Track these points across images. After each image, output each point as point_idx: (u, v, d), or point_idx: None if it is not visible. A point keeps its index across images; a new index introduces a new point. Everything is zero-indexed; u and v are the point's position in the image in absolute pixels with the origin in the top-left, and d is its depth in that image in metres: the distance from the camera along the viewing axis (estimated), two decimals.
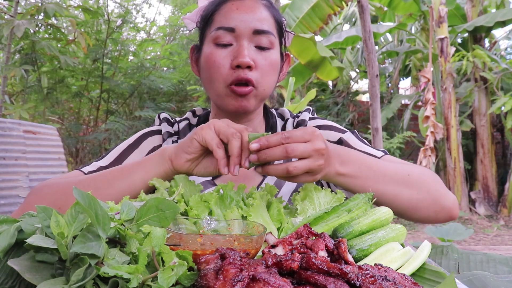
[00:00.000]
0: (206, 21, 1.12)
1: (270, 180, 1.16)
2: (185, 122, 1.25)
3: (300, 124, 1.24)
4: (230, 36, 1.06)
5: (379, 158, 1.13)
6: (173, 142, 1.19)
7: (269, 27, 1.08)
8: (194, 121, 1.28)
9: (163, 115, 1.26)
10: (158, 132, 1.21)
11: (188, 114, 1.29)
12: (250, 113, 1.15)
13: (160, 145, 1.19)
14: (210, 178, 1.15)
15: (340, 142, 1.19)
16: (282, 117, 1.30)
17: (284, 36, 1.18)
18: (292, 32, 1.23)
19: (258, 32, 1.06)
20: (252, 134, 0.83)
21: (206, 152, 0.90)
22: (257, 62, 1.06)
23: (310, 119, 1.26)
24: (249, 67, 1.04)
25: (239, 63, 1.03)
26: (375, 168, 0.97)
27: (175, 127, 1.24)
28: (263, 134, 0.83)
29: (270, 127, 1.25)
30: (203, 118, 1.28)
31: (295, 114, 1.30)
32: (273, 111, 1.30)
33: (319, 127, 1.23)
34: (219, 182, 1.14)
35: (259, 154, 0.81)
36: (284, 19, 1.20)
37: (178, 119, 1.27)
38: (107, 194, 0.91)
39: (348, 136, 1.19)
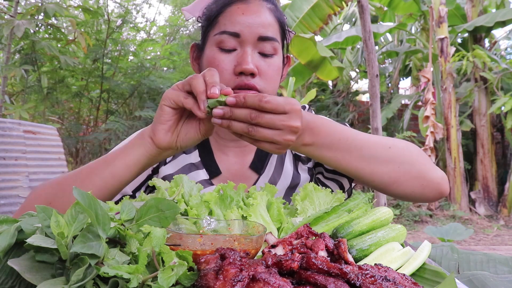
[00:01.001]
0: (210, 21, 1.11)
1: (265, 179, 1.16)
2: None
3: None
4: (234, 41, 1.05)
5: None
6: None
7: (273, 33, 1.07)
8: None
9: None
10: None
11: None
12: None
13: None
14: (207, 177, 1.15)
15: None
16: None
17: (287, 38, 1.18)
18: (292, 32, 1.23)
19: (263, 39, 1.05)
20: (211, 100, 0.80)
21: (181, 117, 0.89)
22: (261, 69, 1.05)
23: None
24: (252, 74, 1.04)
25: (242, 70, 1.03)
26: (351, 140, 0.94)
27: None
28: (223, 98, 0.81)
29: None
30: None
31: None
32: None
33: None
34: (216, 182, 1.14)
35: (226, 111, 0.79)
36: (285, 17, 1.19)
37: None
38: (92, 185, 0.90)
39: None
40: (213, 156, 1.17)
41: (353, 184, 1.18)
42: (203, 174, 1.15)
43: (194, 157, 1.18)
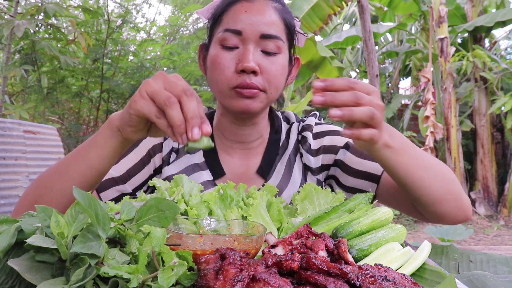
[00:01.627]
0: (215, 20, 1.10)
1: (274, 182, 1.16)
2: None
3: (305, 129, 1.22)
4: (236, 38, 1.04)
5: None
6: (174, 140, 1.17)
7: (277, 31, 1.06)
8: None
9: None
10: None
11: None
12: (256, 115, 1.13)
13: (161, 144, 1.17)
14: (211, 178, 1.14)
15: (347, 146, 1.17)
16: (287, 120, 1.28)
17: (295, 39, 1.16)
18: (305, 34, 1.21)
19: (265, 37, 1.04)
20: (191, 144, 0.71)
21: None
22: (263, 67, 1.04)
23: (316, 124, 1.24)
24: (254, 72, 1.02)
25: (243, 68, 1.01)
26: (416, 149, 0.94)
27: None
28: (206, 146, 0.72)
29: (275, 131, 1.23)
30: (208, 117, 1.22)
31: (300, 118, 1.27)
32: (279, 113, 1.27)
33: (325, 132, 1.21)
34: (220, 183, 1.13)
35: (326, 96, 0.75)
36: (297, 20, 1.17)
37: None
38: (72, 180, 0.88)
39: None
40: (217, 157, 1.17)
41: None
42: (206, 175, 1.15)
43: (198, 157, 1.17)
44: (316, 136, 1.21)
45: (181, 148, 1.18)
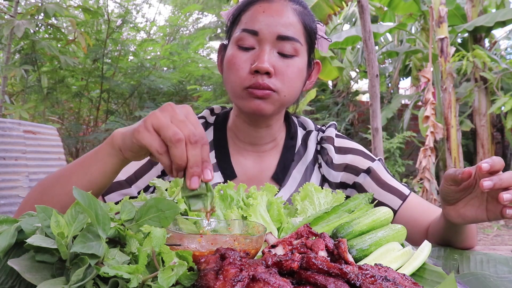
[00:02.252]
0: (233, 20, 1.10)
1: (286, 192, 1.14)
2: (201, 120, 1.20)
3: (325, 140, 1.20)
4: (253, 39, 1.03)
5: (406, 195, 1.12)
6: None
7: (294, 33, 1.04)
8: (211, 119, 1.22)
9: None
10: None
11: (205, 112, 1.23)
12: (269, 117, 1.10)
13: None
14: (222, 180, 1.13)
15: (368, 171, 1.16)
16: (303, 127, 1.26)
17: (316, 43, 1.13)
18: (328, 39, 1.18)
19: (282, 38, 1.02)
20: (187, 194, 0.68)
21: None
22: (277, 69, 1.02)
23: (336, 136, 1.22)
24: (268, 73, 1.01)
25: (257, 68, 1.00)
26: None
27: None
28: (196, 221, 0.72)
29: (291, 136, 1.21)
30: (222, 118, 1.22)
31: (319, 127, 1.25)
32: (295, 119, 1.25)
33: (349, 149, 1.20)
34: (239, 181, 1.12)
35: (493, 180, 0.78)
36: (320, 25, 1.15)
37: None
38: (70, 192, 0.86)
39: (377, 166, 1.16)
40: (229, 159, 1.15)
41: None
42: (217, 177, 1.13)
43: (210, 158, 1.15)
44: (339, 151, 1.19)
45: None
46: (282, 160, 1.17)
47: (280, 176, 1.16)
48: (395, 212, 1.11)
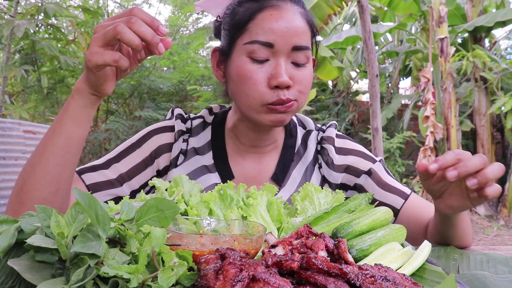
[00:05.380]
0: (238, 28, 1.03)
1: (286, 193, 1.14)
2: (199, 120, 1.20)
3: (325, 140, 1.19)
4: (267, 51, 1.00)
5: (408, 194, 1.12)
6: (184, 141, 1.14)
7: (307, 41, 1.04)
8: (209, 119, 1.21)
9: (177, 111, 1.19)
10: (170, 128, 1.15)
11: (204, 112, 1.22)
12: None
13: (171, 144, 1.13)
14: (220, 181, 1.12)
15: (369, 173, 1.15)
16: (303, 125, 1.25)
17: (316, 41, 1.13)
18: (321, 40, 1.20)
19: (297, 49, 1.01)
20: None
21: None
22: (295, 79, 1.01)
23: (337, 136, 1.21)
24: (287, 87, 1.00)
25: (278, 84, 0.98)
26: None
27: (188, 124, 1.17)
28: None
29: (290, 135, 1.20)
30: (220, 117, 1.20)
31: (319, 127, 1.25)
32: (293, 117, 1.24)
33: (350, 150, 1.19)
34: (237, 182, 1.11)
35: (459, 168, 0.78)
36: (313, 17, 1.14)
37: (192, 115, 1.21)
38: (52, 156, 0.89)
39: (378, 167, 1.16)
40: (227, 160, 1.15)
41: None
42: (215, 178, 1.13)
43: (208, 159, 1.15)
44: (339, 151, 1.19)
45: (190, 150, 1.15)
46: (282, 160, 1.17)
47: (279, 177, 1.15)
48: (397, 211, 1.12)
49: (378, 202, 1.05)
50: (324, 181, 1.19)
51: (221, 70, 1.12)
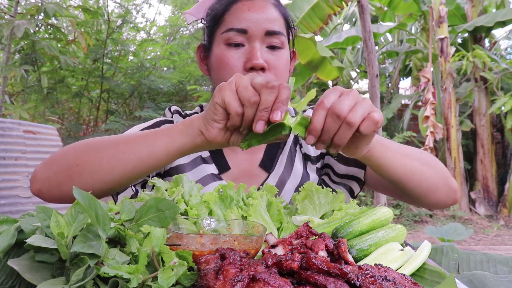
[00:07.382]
0: (216, 21, 1.11)
1: (274, 178, 1.16)
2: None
3: None
4: (242, 37, 1.06)
5: (365, 164, 1.13)
6: None
7: (280, 27, 1.08)
8: None
9: (173, 108, 1.23)
10: (170, 122, 1.19)
11: (197, 109, 1.27)
12: None
13: None
14: (217, 172, 1.14)
15: None
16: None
17: (292, 33, 1.18)
18: (295, 27, 1.23)
19: (270, 33, 1.06)
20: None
21: None
22: (270, 63, 1.06)
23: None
24: (262, 69, 1.04)
25: (253, 65, 1.03)
26: (394, 142, 0.98)
27: None
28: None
29: None
30: None
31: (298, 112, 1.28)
32: None
33: None
34: (225, 177, 1.13)
35: (322, 138, 0.75)
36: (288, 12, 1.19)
37: (188, 112, 1.26)
38: (125, 159, 0.85)
39: None
40: (222, 152, 1.17)
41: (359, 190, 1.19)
42: (212, 169, 1.15)
43: (204, 151, 1.17)
44: None
45: None
46: (269, 148, 1.20)
47: (267, 164, 1.18)
48: (364, 181, 1.15)
49: (348, 158, 1.08)
50: (306, 158, 1.21)
51: (205, 64, 1.18)
